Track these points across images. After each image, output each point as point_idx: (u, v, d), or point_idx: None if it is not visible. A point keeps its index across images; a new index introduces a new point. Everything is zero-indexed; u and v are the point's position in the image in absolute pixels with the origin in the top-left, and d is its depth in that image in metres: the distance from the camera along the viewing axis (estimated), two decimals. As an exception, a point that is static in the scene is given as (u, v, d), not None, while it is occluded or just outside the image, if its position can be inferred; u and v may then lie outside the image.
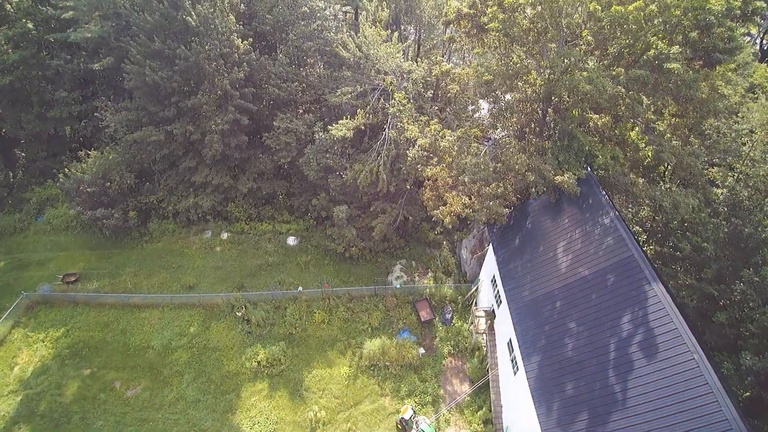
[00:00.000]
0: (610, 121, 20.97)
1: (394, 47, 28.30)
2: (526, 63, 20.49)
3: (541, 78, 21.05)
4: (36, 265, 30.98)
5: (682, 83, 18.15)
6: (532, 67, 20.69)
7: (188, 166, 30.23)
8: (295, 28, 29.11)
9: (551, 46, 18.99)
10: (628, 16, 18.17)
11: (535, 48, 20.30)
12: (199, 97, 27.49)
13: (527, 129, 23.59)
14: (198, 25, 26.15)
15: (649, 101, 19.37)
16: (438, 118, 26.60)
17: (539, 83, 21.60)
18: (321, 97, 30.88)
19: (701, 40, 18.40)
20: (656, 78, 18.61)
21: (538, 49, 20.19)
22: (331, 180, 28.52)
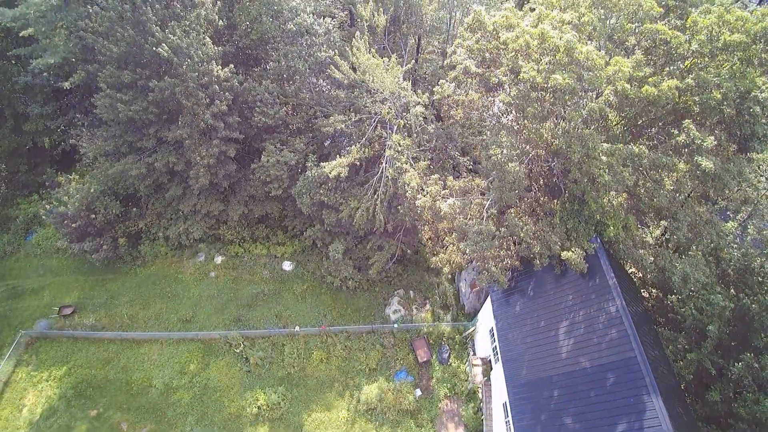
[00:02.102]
0: (627, 199, 19.27)
1: (392, 71, 25.51)
2: (540, 133, 18.32)
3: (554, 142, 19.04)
4: (31, 294, 30.70)
5: (714, 177, 16.31)
6: (545, 137, 18.54)
7: (174, 194, 28.74)
8: (282, 45, 26.09)
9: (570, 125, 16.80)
10: (662, 97, 15.87)
11: (551, 125, 18.05)
12: (179, 132, 25.35)
13: (535, 185, 21.85)
14: (171, 56, 23.37)
15: (672, 186, 17.58)
16: (438, 159, 24.66)
17: (551, 143, 19.61)
18: (312, 120, 28.56)
19: (739, 128, 16.26)
20: (684, 164, 16.73)
21: (554, 127, 17.96)
22: (325, 214, 27.19)
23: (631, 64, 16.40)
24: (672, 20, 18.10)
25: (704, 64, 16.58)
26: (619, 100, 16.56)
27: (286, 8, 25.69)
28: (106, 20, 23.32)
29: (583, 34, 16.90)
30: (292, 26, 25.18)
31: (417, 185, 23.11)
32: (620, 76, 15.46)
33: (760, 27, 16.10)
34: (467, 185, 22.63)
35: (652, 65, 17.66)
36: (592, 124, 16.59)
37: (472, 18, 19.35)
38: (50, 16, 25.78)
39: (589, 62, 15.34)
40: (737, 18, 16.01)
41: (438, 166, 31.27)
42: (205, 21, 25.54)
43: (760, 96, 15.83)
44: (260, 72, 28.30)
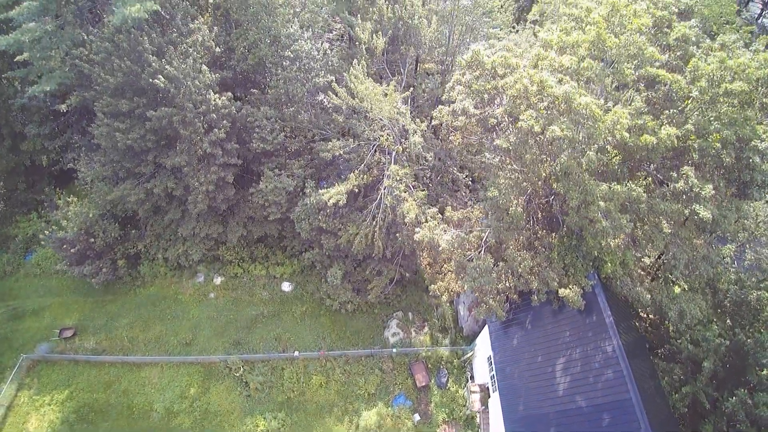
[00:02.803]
0: (624, 240, 19.26)
1: (390, 98, 25.34)
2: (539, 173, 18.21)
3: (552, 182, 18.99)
4: (31, 315, 30.83)
5: (712, 223, 16.30)
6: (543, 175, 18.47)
7: (173, 217, 28.75)
8: (280, 70, 25.93)
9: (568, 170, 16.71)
10: (661, 145, 15.78)
11: (548, 167, 17.95)
12: (177, 159, 25.28)
13: (534, 218, 21.83)
14: (168, 87, 23.23)
15: (670, 230, 17.54)
16: (437, 174, 24.62)
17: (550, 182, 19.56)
18: (311, 143, 28.47)
19: (738, 173, 16.20)
20: (682, 211, 16.68)
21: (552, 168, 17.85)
22: (324, 239, 27.21)
23: (631, 112, 16.30)
24: (672, 59, 17.93)
25: (704, 109, 16.48)
26: (618, 146, 16.49)
27: (284, 34, 25.45)
28: (102, 50, 23.13)
29: (582, 77, 16.76)
30: (289, 53, 24.95)
31: (415, 216, 23.09)
32: (619, 127, 15.38)
33: (762, 73, 15.97)
34: (466, 216, 22.59)
35: (651, 106, 17.52)
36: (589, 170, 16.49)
37: (471, 56, 19.18)
38: (45, 42, 25.52)
39: (587, 112, 15.25)
40: (739, 65, 15.86)
41: (437, 181, 31.37)
42: (202, 47, 25.32)
43: (759, 146, 15.76)
44: (258, 95, 28.14)
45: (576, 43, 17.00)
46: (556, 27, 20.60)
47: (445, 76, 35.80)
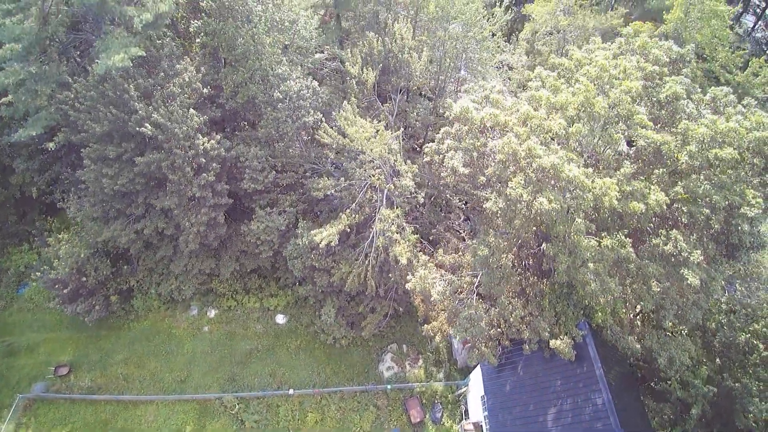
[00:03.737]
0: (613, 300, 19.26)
1: (381, 138, 25.14)
2: (530, 228, 18.16)
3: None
4: (26, 351, 30.81)
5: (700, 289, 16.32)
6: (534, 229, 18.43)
7: (165, 254, 28.64)
8: (270, 110, 25.67)
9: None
10: (649, 211, 15.72)
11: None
12: (167, 202, 25.11)
13: (525, 263, 21.81)
14: (155, 134, 22.98)
15: (659, 288, 17.53)
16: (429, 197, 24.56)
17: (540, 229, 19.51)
18: (302, 178, 28.30)
19: (727, 236, 16.17)
20: (670, 273, 16.68)
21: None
22: (317, 276, 27.18)
23: (620, 178, 16.19)
24: (663, 116, 17.76)
25: (694, 172, 16.41)
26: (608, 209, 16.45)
27: (272, 74, 25.15)
28: (88, 99, 22.82)
29: (571, 140, 16.63)
30: (278, 94, 24.67)
31: (407, 260, 23.05)
32: (607, 199, 15.30)
33: (753, 137, 15.86)
34: (457, 261, 22.56)
35: (639, 162, 17.42)
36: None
37: (460, 112, 18.97)
38: (29, 84, 25.18)
39: (576, 182, 15.14)
40: (729, 129, 15.73)
41: (430, 205, 31.30)
42: (189, 88, 25.01)
43: (749, 213, 15.72)
44: (249, 131, 27.91)
45: (565, 103, 16.83)
46: (546, 74, 20.37)
47: (437, 100, 35.65)
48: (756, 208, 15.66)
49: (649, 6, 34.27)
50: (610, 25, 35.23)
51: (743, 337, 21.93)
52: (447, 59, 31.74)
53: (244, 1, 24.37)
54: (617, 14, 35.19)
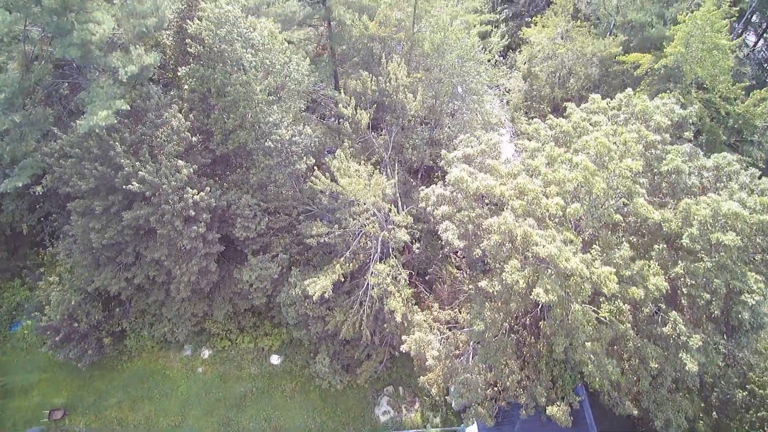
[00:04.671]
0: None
1: (376, 185, 24.65)
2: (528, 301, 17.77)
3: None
4: (20, 393, 30.55)
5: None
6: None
7: (157, 298, 28.25)
8: (262, 157, 25.12)
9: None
10: (648, 296, 15.31)
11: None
12: (157, 253, 24.65)
13: (522, 323, 21.45)
14: (143, 190, 22.45)
15: (657, 364, 17.17)
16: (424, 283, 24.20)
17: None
18: (295, 222, 27.83)
19: (726, 317, 15.79)
20: (669, 355, 16.32)
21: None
22: (311, 323, 26.85)
23: (618, 262, 15.77)
24: (665, 188, 17.30)
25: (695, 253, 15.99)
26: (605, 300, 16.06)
27: (263, 122, 24.54)
28: (73, 155, 22.25)
29: (569, 218, 16.16)
30: (270, 143, 24.09)
31: (402, 316, 22.69)
32: (606, 290, 14.89)
33: (756, 219, 15.40)
34: (453, 317, 22.21)
35: (638, 236, 17.00)
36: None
37: (455, 179, 18.45)
38: (14, 134, 24.59)
39: (574, 272, 14.71)
40: (732, 213, 15.24)
41: (427, 240, 30.88)
42: (178, 137, 24.40)
43: (749, 301, 15.32)
44: (241, 175, 27.36)
45: (563, 179, 16.32)
46: (544, 132, 19.84)
47: (434, 130, 35.04)
48: (757, 294, 15.28)
49: (649, 34, 33.50)
50: (609, 53, 34.51)
51: (740, 395, 21.66)
52: (443, 91, 31.13)
53: (233, 48, 23.62)
54: (616, 41, 34.44)
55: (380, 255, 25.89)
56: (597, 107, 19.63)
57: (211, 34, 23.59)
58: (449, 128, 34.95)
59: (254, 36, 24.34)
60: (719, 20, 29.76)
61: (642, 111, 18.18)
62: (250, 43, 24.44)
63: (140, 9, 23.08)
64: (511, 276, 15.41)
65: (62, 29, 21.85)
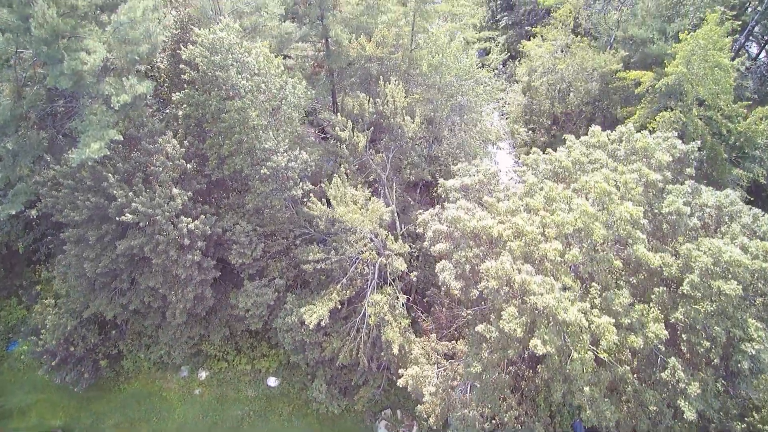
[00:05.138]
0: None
1: (373, 210, 24.39)
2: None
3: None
4: (18, 414, 30.48)
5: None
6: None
7: (153, 322, 28.09)
8: (258, 183, 24.83)
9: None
10: (648, 344, 15.08)
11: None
12: (152, 282, 24.45)
13: (521, 357, 21.23)
14: (137, 220, 22.19)
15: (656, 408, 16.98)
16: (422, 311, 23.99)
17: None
18: (291, 246, 27.57)
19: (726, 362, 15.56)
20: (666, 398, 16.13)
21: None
22: (308, 349, 26.67)
23: (618, 308, 15.54)
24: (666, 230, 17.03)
25: (695, 302, 15.73)
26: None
27: (259, 148, 24.24)
28: (66, 187, 21.97)
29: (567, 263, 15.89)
30: (265, 170, 23.79)
31: (399, 347, 22.48)
32: (604, 342, 14.66)
33: (758, 266, 15.14)
34: (451, 349, 22.02)
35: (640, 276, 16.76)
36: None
37: (450, 219, 18.16)
38: (7, 161, 24.31)
39: (572, 322, 14.48)
40: (734, 261, 14.96)
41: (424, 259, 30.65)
42: (172, 164, 24.10)
43: (750, 350, 15.09)
44: (237, 198, 27.10)
45: (562, 223, 16.04)
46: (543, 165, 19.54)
47: (432, 147, 34.71)
48: (758, 343, 15.05)
49: (650, 50, 33.02)
50: (609, 69, 34.08)
51: (738, 428, 21.44)
52: (441, 109, 30.80)
53: (228, 75, 23.26)
54: (617, 58, 34.00)
55: (377, 281, 25.66)
56: (597, 141, 19.31)
57: (206, 61, 23.26)
58: (448, 144, 34.68)
59: (250, 60, 23.98)
60: (722, 38, 29.33)
61: (643, 147, 17.87)
62: (246, 67, 24.09)
63: (132, 35, 22.65)
64: (509, 324, 15.18)
65: (53, 58, 21.51)
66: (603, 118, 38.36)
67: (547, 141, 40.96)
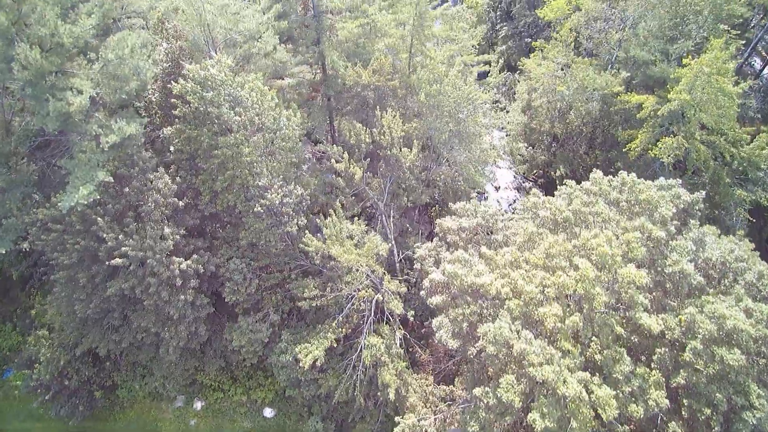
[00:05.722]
0: None
1: (370, 245, 23.96)
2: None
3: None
4: (13, 445, 30.27)
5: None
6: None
7: (147, 356, 27.72)
8: (252, 219, 24.32)
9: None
10: (649, 410, 14.68)
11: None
12: (144, 322, 24.05)
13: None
14: (127, 263, 21.72)
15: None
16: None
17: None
18: (286, 280, 27.13)
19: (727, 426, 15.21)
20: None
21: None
22: (303, 386, 26.35)
23: (618, 377, 15.12)
24: (669, 289, 16.60)
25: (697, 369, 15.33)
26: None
27: (252, 185, 23.70)
28: (54, 230, 21.46)
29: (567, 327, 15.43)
30: (259, 208, 23.26)
31: (396, 391, 22.13)
32: (604, 415, 14.26)
33: (762, 332, 14.71)
34: (449, 394, 21.67)
35: (641, 336, 16.34)
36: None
37: (448, 274, 17.70)
38: (-3, 198, 23.79)
39: (573, 396, 14.08)
40: (737, 329, 14.52)
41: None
42: (164, 201, 23.58)
43: (751, 419, 14.71)
44: (230, 232, 26.61)
45: (563, 285, 15.59)
46: (543, 211, 19.04)
47: (430, 171, 34.17)
48: (759, 411, 14.68)
49: (652, 72, 32.36)
50: (611, 92, 33.41)
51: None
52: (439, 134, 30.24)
53: (220, 111, 22.66)
54: (618, 80, 33.31)
55: (374, 318, 25.28)
56: (599, 189, 18.78)
57: (197, 97, 22.64)
58: (447, 167, 34.17)
59: (242, 95, 23.37)
60: (726, 64, 28.71)
61: (646, 200, 17.37)
62: (239, 102, 23.50)
63: (121, 72, 22.02)
64: (506, 394, 14.79)
65: (38, 98, 20.90)
66: (603, 138, 37.84)
67: (547, 159, 40.47)
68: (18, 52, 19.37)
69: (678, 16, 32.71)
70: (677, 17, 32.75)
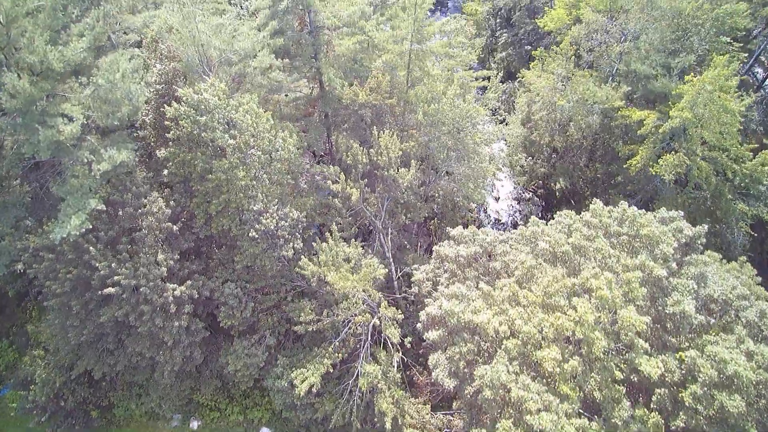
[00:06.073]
0: None
1: (367, 269, 23.68)
2: None
3: None
4: (8, 463, 30.13)
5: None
6: None
7: (142, 378, 27.53)
8: (247, 243, 24.03)
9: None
10: None
11: None
12: (138, 347, 23.82)
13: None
14: (120, 292, 21.44)
15: None
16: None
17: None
18: (282, 302, 26.89)
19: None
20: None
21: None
22: (300, 410, 26.15)
23: (617, 421, 14.88)
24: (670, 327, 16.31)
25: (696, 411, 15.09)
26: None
27: (247, 209, 23.39)
28: (46, 260, 21.16)
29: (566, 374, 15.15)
30: (254, 233, 22.96)
31: (393, 419, 21.93)
32: None
33: (763, 377, 14.45)
34: (446, 424, 21.46)
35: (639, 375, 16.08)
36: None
37: (444, 312, 17.41)
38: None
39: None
40: (737, 374, 14.27)
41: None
42: (158, 225, 23.26)
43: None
44: (225, 253, 26.33)
45: (562, 327, 15.31)
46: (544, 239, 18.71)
47: (429, 186, 33.85)
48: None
49: (653, 87, 31.91)
50: (611, 106, 32.97)
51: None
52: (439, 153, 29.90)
53: (214, 136, 22.30)
54: (619, 94, 32.86)
55: (371, 341, 25.05)
56: (599, 222, 18.43)
57: (190, 121, 22.27)
58: (446, 180, 33.83)
59: (237, 117, 23.01)
60: (728, 81, 28.27)
61: (647, 236, 17.05)
62: (233, 124, 23.15)
63: (112, 97, 21.62)
64: (505, 437, 14.59)
65: (29, 126, 20.54)
66: (604, 151, 37.45)
67: (547, 171, 40.11)
68: (5, 82, 18.97)
69: (680, 29, 32.23)
70: (679, 30, 32.27)
